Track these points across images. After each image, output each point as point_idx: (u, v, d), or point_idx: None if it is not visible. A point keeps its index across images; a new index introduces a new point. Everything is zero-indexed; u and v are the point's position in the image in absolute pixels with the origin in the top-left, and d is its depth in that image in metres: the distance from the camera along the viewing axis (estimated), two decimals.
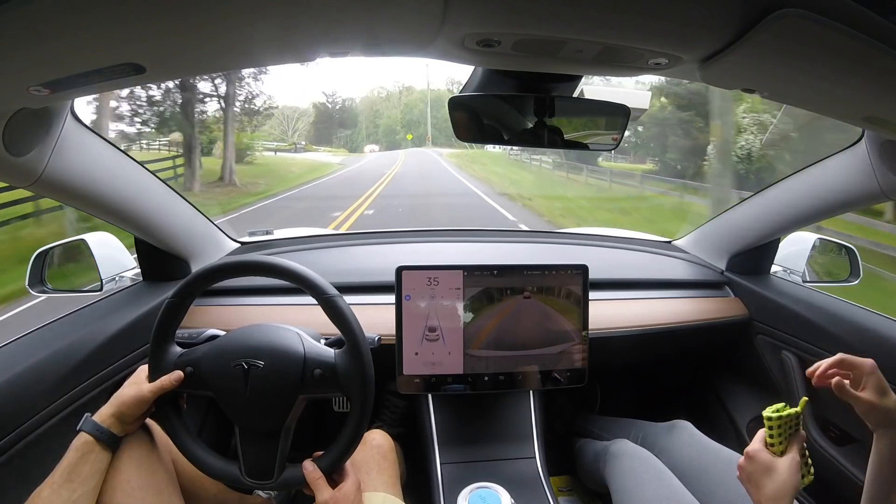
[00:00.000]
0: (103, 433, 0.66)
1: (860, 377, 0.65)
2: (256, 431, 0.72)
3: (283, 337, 0.73)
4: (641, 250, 1.47)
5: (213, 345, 0.73)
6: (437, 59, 0.62)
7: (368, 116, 53.67)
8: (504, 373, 1.02)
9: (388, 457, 0.95)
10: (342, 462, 0.73)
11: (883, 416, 0.63)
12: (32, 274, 1.00)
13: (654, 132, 13.71)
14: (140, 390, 0.69)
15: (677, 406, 1.47)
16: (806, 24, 0.41)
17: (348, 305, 0.72)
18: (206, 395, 0.73)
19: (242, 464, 0.72)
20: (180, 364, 0.72)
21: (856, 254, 1.25)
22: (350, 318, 0.71)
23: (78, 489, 0.61)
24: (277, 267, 0.72)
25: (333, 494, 0.69)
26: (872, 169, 0.86)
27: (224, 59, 0.56)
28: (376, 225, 7.08)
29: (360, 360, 0.71)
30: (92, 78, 0.50)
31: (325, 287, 0.72)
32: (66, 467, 0.62)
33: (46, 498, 0.59)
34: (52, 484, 0.60)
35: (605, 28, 0.49)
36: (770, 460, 0.64)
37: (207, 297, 1.12)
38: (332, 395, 0.74)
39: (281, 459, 0.72)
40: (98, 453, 0.65)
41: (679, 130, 12.42)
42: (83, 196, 0.80)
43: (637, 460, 0.93)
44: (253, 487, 0.74)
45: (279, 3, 0.41)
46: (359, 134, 50.72)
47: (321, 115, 46.97)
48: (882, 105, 0.60)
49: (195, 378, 0.72)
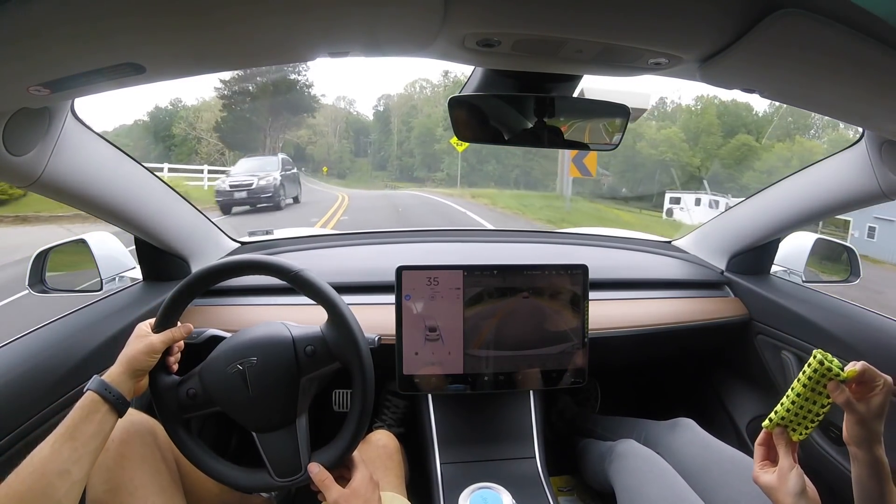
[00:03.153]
0: (112, 392, 0.64)
1: (870, 390, 0.61)
2: (272, 429, 0.72)
3: (269, 328, 0.74)
4: (641, 250, 1.47)
5: (207, 362, 0.73)
6: (437, 59, 0.62)
7: (401, 116, 40.42)
8: (504, 373, 1.02)
9: (394, 457, 0.95)
10: (351, 449, 0.72)
11: (864, 436, 0.61)
12: (32, 273, 1.00)
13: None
14: (150, 341, 0.69)
15: (677, 406, 1.47)
16: (806, 24, 0.41)
17: (319, 278, 0.72)
18: (215, 411, 0.73)
19: (270, 467, 0.71)
20: (182, 391, 0.72)
21: (856, 254, 1.25)
22: (324, 287, 0.71)
23: (80, 448, 0.59)
24: (276, 266, 0.72)
25: (342, 492, 0.67)
26: (872, 169, 0.86)
27: (224, 60, 0.56)
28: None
29: (345, 324, 0.70)
30: (92, 78, 0.50)
31: (289, 267, 0.71)
32: (69, 426, 0.60)
33: (46, 455, 0.57)
34: (52, 442, 0.58)
35: (605, 28, 0.49)
36: (767, 483, 0.64)
37: (207, 297, 1.12)
38: (331, 369, 0.73)
39: (305, 450, 0.71)
40: (104, 414, 0.62)
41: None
42: (83, 196, 0.80)
43: (643, 460, 0.93)
44: (286, 486, 0.72)
45: (279, 3, 0.41)
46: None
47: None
48: (882, 105, 0.60)
49: (199, 399, 0.72)
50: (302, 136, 33.70)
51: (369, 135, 42.83)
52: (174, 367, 0.74)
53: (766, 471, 0.65)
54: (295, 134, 31.87)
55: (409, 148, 6.71)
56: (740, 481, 0.82)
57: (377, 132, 42.31)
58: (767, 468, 0.65)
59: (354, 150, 42.21)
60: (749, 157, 25.40)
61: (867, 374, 0.61)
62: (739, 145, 25.97)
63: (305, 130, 33.71)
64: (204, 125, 26.49)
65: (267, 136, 26.89)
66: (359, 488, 0.69)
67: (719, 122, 27.33)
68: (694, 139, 27.00)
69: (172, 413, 0.72)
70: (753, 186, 14.13)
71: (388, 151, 39.85)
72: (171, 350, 0.73)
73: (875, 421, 0.61)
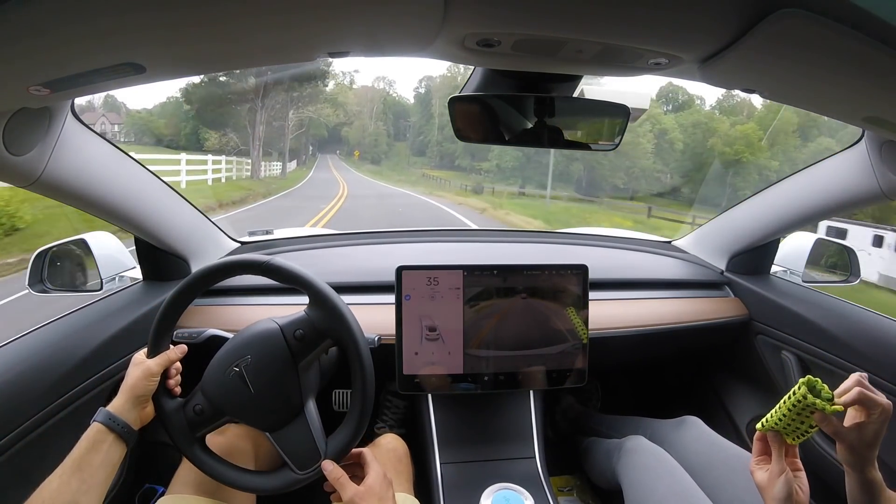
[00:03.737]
0: (117, 422, 0.65)
1: (867, 415, 0.58)
2: (282, 424, 0.72)
3: (256, 326, 0.74)
4: (641, 250, 1.47)
5: (204, 375, 0.74)
6: (437, 59, 0.62)
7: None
8: (504, 373, 1.02)
9: (404, 460, 0.95)
10: (359, 434, 0.72)
11: (855, 461, 0.59)
12: (32, 273, 1.00)
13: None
14: (146, 366, 0.70)
15: (677, 406, 1.47)
16: (806, 24, 0.41)
17: (290, 262, 0.72)
18: (225, 421, 0.73)
19: (290, 462, 0.72)
20: (188, 410, 0.72)
21: (855, 254, 1.25)
22: (297, 270, 0.71)
23: (88, 479, 0.60)
24: (243, 263, 0.73)
25: (357, 490, 0.67)
26: (872, 169, 0.86)
27: (224, 59, 0.56)
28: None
29: (326, 300, 0.71)
30: (92, 78, 0.50)
31: (257, 259, 0.72)
32: (76, 458, 0.61)
33: (55, 488, 0.58)
34: (61, 475, 0.59)
35: (604, 28, 0.49)
36: (759, 482, 0.64)
37: (207, 297, 1.12)
38: (323, 347, 0.73)
39: (319, 436, 0.71)
40: (110, 444, 0.63)
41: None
42: (83, 196, 0.80)
43: (651, 456, 0.94)
44: (313, 477, 0.72)
45: (279, 3, 0.41)
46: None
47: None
48: (882, 105, 0.60)
49: (207, 413, 0.72)
50: (329, 115, 29.47)
51: (409, 118, 41.04)
52: (177, 391, 0.75)
53: (761, 467, 0.65)
54: (313, 110, 26.22)
55: (450, 133, 6.59)
56: (746, 479, 0.82)
57: (417, 115, 40.43)
58: (763, 465, 0.65)
59: (393, 133, 40.53)
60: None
61: (863, 400, 0.57)
62: (822, 150, 21.70)
63: (329, 108, 28.95)
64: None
65: (259, 109, 19.73)
66: (374, 485, 0.68)
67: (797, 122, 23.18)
68: (771, 138, 23.20)
69: (185, 434, 0.72)
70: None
71: (428, 136, 37.84)
72: (170, 373, 0.74)
73: (867, 449, 0.58)
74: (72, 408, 0.81)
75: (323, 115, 28.74)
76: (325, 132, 35.59)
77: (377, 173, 28.35)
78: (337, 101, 31.31)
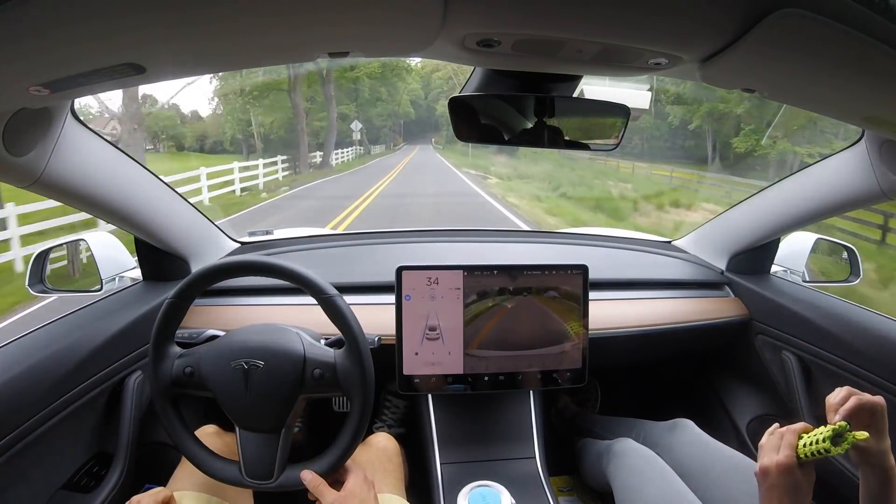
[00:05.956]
0: None
1: (865, 415, 0.60)
2: (256, 431, 0.72)
3: (283, 337, 0.73)
4: (641, 250, 1.47)
5: (212, 345, 0.74)
6: (437, 59, 0.62)
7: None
8: (504, 373, 1.02)
9: (394, 459, 0.95)
10: (342, 462, 0.73)
11: (870, 457, 0.60)
12: (32, 274, 1.00)
13: None
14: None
15: (677, 406, 1.47)
16: (806, 24, 0.41)
17: (348, 305, 0.72)
18: (206, 395, 0.73)
19: (243, 464, 0.72)
20: (179, 365, 0.72)
21: (856, 253, 1.25)
22: (349, 317, 0.71)
23: None
24: (277, 267, 0.73)
25: (337, 496, 0.69)
26: (872, 169, 0.86)
27: (224, 59, 0.56)
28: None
29: (360, 360, 0.71)
30: (92, 78, 0.50)
31: (325, 287, 0.72)
32: None
33: None
34: None
35: (604, 28, 0.49)
36: (762, 465, 0.63)
37: (207, 297, 1.12)
38: (332, 395, 0.74)
39: (281, 460, 0.72)
40: None
41: None
42: (83, 196, 0.80)
43: (640, 459, 0.93)
44: (253, 487, 0.74)
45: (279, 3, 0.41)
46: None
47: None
48: (882, 105, 0.60)
49: (195, 379, 0.72)
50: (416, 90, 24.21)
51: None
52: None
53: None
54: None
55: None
56: (739, 482, 0.82)
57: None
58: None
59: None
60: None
61: (862, 406, 0.59)
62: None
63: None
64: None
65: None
66: (353, 489, 0.70)
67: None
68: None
69: (165, 385, 0.73)
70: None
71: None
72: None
73: (879, 442, 0.59)
74: (72, 408, 0.81)
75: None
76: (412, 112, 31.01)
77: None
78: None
